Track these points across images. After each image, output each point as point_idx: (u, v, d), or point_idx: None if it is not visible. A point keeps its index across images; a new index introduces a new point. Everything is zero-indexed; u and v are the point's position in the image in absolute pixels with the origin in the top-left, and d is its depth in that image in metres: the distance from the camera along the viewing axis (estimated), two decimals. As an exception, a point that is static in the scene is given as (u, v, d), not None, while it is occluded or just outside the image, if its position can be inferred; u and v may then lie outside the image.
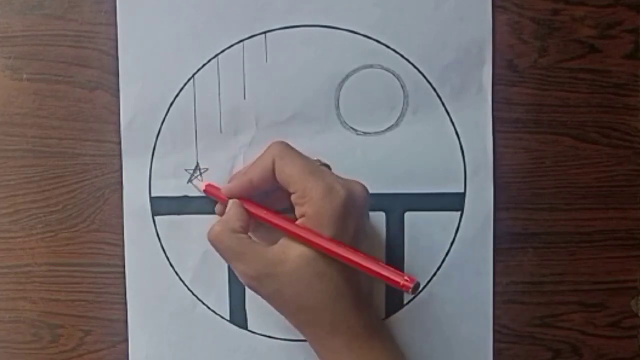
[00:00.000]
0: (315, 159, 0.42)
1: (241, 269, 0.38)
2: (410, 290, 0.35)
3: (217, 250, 0.39)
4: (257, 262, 0.38)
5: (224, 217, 0.40)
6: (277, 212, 0.40)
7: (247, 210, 0.40)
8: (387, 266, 0.37)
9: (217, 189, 0.42)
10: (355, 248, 0.37)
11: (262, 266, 0.38)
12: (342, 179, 0.40)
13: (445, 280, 0.44)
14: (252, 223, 0.40)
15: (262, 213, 0.40)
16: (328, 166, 0.43)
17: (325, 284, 0.37)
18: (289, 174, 0.38)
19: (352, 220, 0.38)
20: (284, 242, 0.38)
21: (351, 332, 0.38)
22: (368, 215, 0.41)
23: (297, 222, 0.38)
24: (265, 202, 0.41)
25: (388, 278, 0.36)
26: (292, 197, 0.38)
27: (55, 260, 0.45)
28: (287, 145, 0.40)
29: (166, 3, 0.44)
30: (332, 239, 0.37)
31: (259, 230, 0.41)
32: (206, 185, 0.43)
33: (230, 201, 0.40)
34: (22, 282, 0.45)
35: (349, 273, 0.38)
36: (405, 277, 0.36)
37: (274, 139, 0.41)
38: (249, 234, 0.40)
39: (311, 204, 0.37)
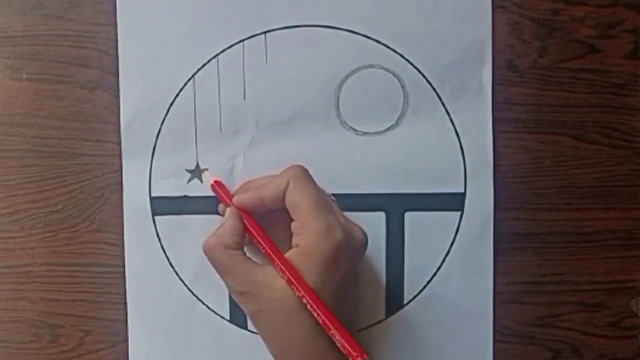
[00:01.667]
0: (329, 194, 0.42)
1: (229, 284, 0.39)
2: None
3: (210, 261, 0.39)
4: (245, 281, 0.38)
5: (220, 229, 0.40)
6: (269, 240, 0.39)
7: (244, 223, 0.40)
8: (344, 333, 0.36)
9: (223, 186, 0.42)
10: (320, 301, 0.37)
11: (248, 285, 0.38)
12: (346, 220, 0.39)
13: (445, 280, 0.44)
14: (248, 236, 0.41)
15: (256, 234, 0.40)
16: (335, 201, 0.42)
17: (303, 318, 0.37)
18: (297, 201, 0.38)
19: (342, 264, 0.38)
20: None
21: None
22: (362, 259, 0.41)
23: (288, 253, 0.38)
24: (269, 217, 0.41)
25: (341, 345, 0.36)
26: (293, 225, 0.38)
27: (55, 260, 0.45)
28: (305, 171, 0.39)
29: (166, 3, 0.44)
30: (304, 283, 0.37)
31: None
32: (214, 181, 0.43)
33: (228, 211, 0.40)
34: (22, 282, 0.45)
35: (332, 307, 0.38)
36: (357, 353, 0.35)
37: (274, 139, 0.41)
38: (245, 248, 0.40)
39: (306, 237, 0.37)
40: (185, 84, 0.44)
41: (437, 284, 0.44)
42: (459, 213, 0.44)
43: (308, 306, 0.36)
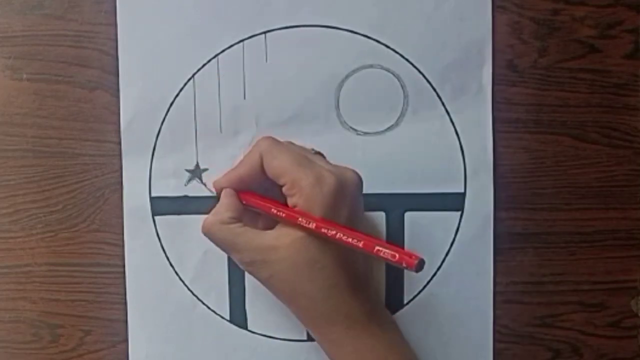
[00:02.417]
0: (310, 147, 0.42)
1: (236, 257, 0.39)
2: (414, 267, 0.34)
3: (211, 241, 0.39)
4: (250, 250, 0.38)
5: (215, 208, 0.40)
6: (271, 200, 0.39)
7: (240, 200, 0.40)
8: (388, 244, 0.35)
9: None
10: (354, 229, 0.37)
11: (255, 253, 0.38)
12: (333, 166, 0.39)
13: (445, 280, 0.44)
14: (249, 212, 0.40)
15: (260, 201, 0.40)
16: (322, 154, 0.42)
17: (318, 272, 0.37)
18: (277, 166, 0.38)
19: (344, 207, 0.38)
20: (279, 228, 0.38)
21: (348, 320, 0.38)
22: (361, 202, 0.40)
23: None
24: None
25: (391, 256, 0.35)
26: (283, 190, 0.38)
27: (55, 260, 0.45)
28: (274, 139, 0.40)
29: (166, 3, 0.44)
30: (331, 221, 0.37)
31: (260, 219, 0.41)
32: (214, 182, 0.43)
33: (223, 192, 0.40)
34: (22, 282, 0.45)
35: (344, 259, 0.38)
36: (409, 255, 0.34)
37: (274, 139, 0.41)
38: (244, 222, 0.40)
39: (301, 194, 0.37)
40: (185, 84, 0.44)
41: (437, 284, 0.44)
42: (459, 213, 0.44)
43: (344, 238, 0.36)
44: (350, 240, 0.36)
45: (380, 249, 0.35)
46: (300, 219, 0.37)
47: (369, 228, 0.44)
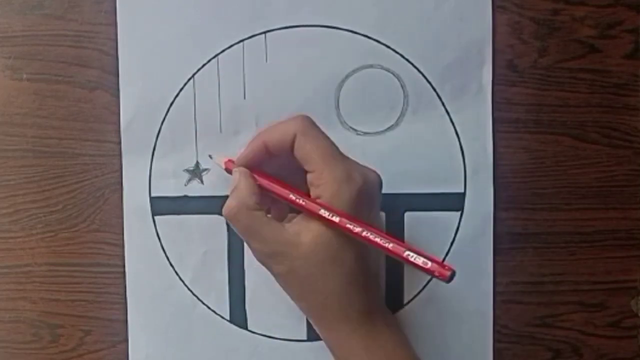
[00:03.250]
0: None
1: (256, 247, 0.38)
2: (447, 278, 0.33)
3: (233, 226, 0.38)
4: (272, 242, 0.37)
5: (236, 191, 0.38)
6: (291, 187, 0.38)
7: (258, 184, 0.39)
8: (420, 251, 0.35)
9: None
10: (381, 230, 0.36)
11: (277, 245, 0.37)
12: (359, 165, 0.39)
13: (445, 280, 0.44)
14: (263, 196, 0.39)
15: (272, 185, 0.39)
16: None
17: (339, 269, 0.37)
18: (309, 152, 0.37)
19: (366, 209, 0.37)
20: (299, 222, 0.38)
21: (360, 317, 0.38)
22: (380, 205, 0.40)
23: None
24: (278, 170, 0.40)
25: (422, 263, 0.34)
26: (309, 177, 0.37)
27: (55, 260, 0.45)
28: (312, 121, 0.38)
29: (166, 3, 0.44)
30: (349, 215, 0.36)
31: (272, 206, 0.41)
32: (226, 162, 0.42)
33: (238, 172, 0.39)
34: (22, 282, 0.45)
35: (361, 256, 0.38)
36: (443, 266, 0.33)
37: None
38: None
39: (327, 188, 0.37)
40: (185, 84, 0.44)
41: (437, 284, 0.44)
42: (458, 213, 0.44)
43: (371, 237, 0.35)
44: (378, 240, 0.36)
45: (411, 254, 0.35)
46: (322, 212, 0.36)
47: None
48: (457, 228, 0.44)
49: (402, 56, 0.44)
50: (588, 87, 0.44)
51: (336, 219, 0.36)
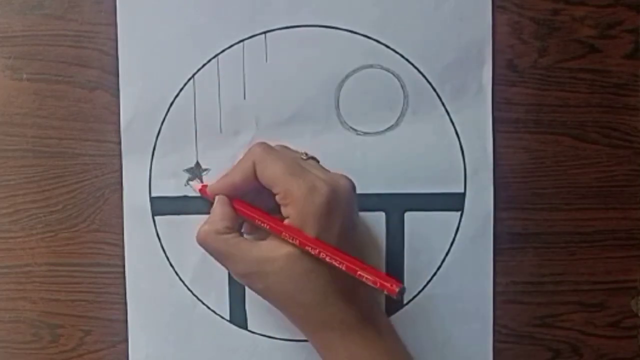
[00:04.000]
0: (302, 152, 0.41)
1: (230, 268, 0.39)
2: (396, 294, 0.35)
3: (206, 250, 0.39)
4: (245, 262, 0.38)
5: (209, 217, 0.40)
6: (262, 212, 0.39)
7: (234, 208, 0.40)
8: (371, 270, 0.36)
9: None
10: (339, 250, 0.37)
11: (250, 265, 0.38)
12: (327, 173, 0.39)
13: (445, 280, 0.44)
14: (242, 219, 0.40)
15: (248, 211, 0.40)
16: (315, 159, 0.41)
17: (313, 282, 0.37)
18: (271, 176, 0.38)
19: (337, 217, 0.37)
20: (271, 239, 0.38)
21: (344, 326, 0.38)
22: (356, 208, 0.40)
23: (284, 222, 0.38)
24: (255, 201, 0.40)
25: (372, 282, 0.35)
26: (277, 198, 0.38)
27: (55, 260, 0.45)
28: (267, 146, 0.39)
29: (166, 3, 0.44)
30: (316, 240, 0.37)
31: (252, 225, 0.41)
32: (201, 187, 0.43)
33: (216, 199, 0.40)
34: (22, 282, 0.45)
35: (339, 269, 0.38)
36: (391, 283, 0.35)
37: (274, 139, 0.41)
38: (241, 230, 0.40)
39: (294, 205, 0.37)
40: (185, 84, 0.44)
41: (437, 284, 0.44)
42: (458, 213, 0.44)
43: (327, 259, 0.36)
44: (333, 261, 0.36)
45: (363, 274, 0.36)
46: (284, 234, 0.37)
47: (366, 231, 0.44)
48: (457, 228, 0.44)
49: (402, 56, 0.44)
50: (588, 87, 0.44)
51: (296, 242, 0.37)
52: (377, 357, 0.38)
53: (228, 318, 0.45)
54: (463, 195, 0.44)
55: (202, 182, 0.44)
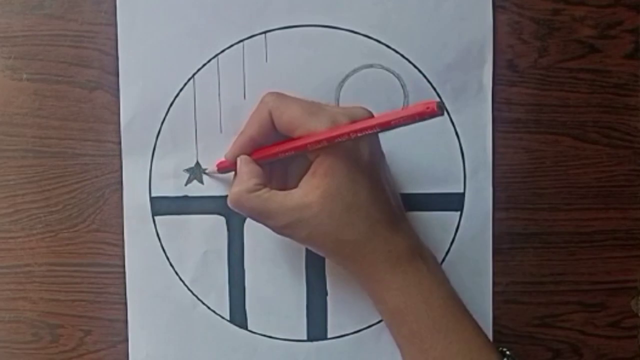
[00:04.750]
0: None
1: (269, 224, 0.38)
2: (436, 111, 0.32)
3: (241, 212, 0.39)
4: (283, 213, 0.37)
5: (237, 179, 0.39)
6: (280, 143, 0.39)
7: (258, 160, 0.40)
8: (400, 111, 0.34)
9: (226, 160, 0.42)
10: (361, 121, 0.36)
11: (289, 215, 0.37)
12: (344, 108, 0.39)
13: (445, 280, 0.44)
14: (268, 171, 0.40)
15: (269, 152, 0.39)
16: None
17: (354, 215, 0.37)
18: (290, 119, 0.38)
19: (364, 145, 0.37)
20: (304, 184, 0.38)
21: (393, 256, 0.37)
22: (378, 139, 0.40)
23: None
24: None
25: (411, 116, 0.34)
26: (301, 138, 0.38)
27: (55, 260, 0.45)
28: (279, 93, 0.39)
29: (166, 3, 0.44)
30: (336, 127, 0.36)
31: (276, 177, 0.41)
32: (219, 163, 0.43)
33: (238, 160, 0.40)
34: (22, 282, 0.45)
35: (376, 197, 0.37)
36: (425, 105, 0.33)
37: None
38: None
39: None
40: (185, 84, 0.44)
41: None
42: (458, 213, 0.44)
43: (359, 134, 0.35)
44: (365, 131, 0.35)
45: (397, 117, 0.34)
46: (309, 145, 0.37)
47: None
48: (457, 228, 0.44)
49: (403, 56, 0.44)
50: (588, 87, 0.44)
51: (324, 143, 0.36)
52: (427, 287, 0.38)
53: (228, 318, 0.45)
54: (463, 195, 0.44)
55: (202, 182, 0.44)
